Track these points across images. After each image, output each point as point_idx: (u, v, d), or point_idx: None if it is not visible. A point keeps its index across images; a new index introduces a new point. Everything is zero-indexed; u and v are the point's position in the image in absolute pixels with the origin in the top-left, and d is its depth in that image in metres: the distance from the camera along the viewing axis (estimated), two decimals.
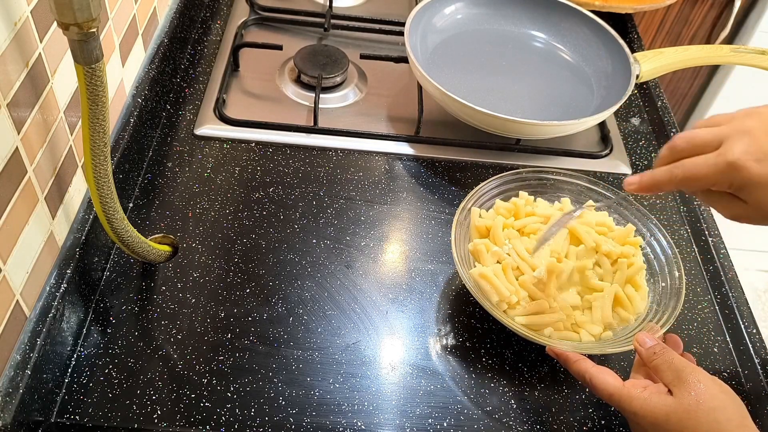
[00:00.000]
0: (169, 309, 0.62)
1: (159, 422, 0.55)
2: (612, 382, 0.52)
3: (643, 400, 0.50)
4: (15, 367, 0.50)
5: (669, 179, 0.50)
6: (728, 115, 0.50)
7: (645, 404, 0.49)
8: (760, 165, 0.46)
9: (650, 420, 0.49)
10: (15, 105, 0.48)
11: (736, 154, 0.47)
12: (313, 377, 0.59)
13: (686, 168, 0.49)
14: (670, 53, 0.85)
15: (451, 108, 0.79)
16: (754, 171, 0.46)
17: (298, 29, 0.97)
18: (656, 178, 0.51)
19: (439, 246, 0.71)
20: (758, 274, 1.91)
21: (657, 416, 0.48)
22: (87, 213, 0.61)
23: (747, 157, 0.46)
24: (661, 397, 0.49)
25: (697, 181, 0.49)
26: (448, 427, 0.57)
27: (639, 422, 0.50)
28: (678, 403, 0.48)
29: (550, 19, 0.94)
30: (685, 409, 0.48)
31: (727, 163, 0.47)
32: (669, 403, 0.48)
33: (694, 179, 0.49)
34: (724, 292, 0.70)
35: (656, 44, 1.55)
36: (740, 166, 0.46)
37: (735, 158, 0.47)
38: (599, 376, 0.53)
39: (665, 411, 0.48)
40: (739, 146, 0.47)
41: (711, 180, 0.48)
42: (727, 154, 0.47)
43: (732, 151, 0.47)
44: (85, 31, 0.45)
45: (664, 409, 0.48)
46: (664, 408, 0.48)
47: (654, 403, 0.49)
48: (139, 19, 0.74)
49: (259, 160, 0.77)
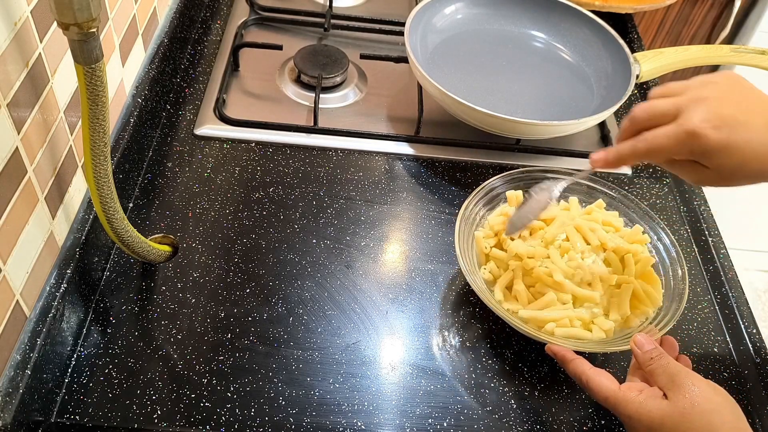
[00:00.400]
0: (169, 309, 0.62)
1: (159, 422, 0.55)
2: (608, 384, 0.52)
3: (638, 403, 0.50)
4: (15, 367, 0.50)
5: (632, 152, 0.52)
6: (683, 84, 0.51)
7: (640, 408, 0.49)
8: (717, 132, 0.48)
9: (646, 423, 0.49)
10: (15, 105, 0.48)
11: (695, 122, 0.48)
12: (313, 377, 0.59)
13: (648, 140, 0.51)
14: (670, 53, 0.85)
15: (451, 108, 0.79)
16: (713, 138, 0.48)
17: (298, 29, 0.97)
18: (621, 152, 0.53)
19: (439, 246, 0.71)
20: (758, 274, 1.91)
21: (652, 420, 0.49)
22: (87, 213, 0.61)
23: (705, 125, 0.48)
24: (656, 401, 0.49)
25: (659, 152, 0.51)
26: (448, 427, 0.57)
27: (634, 426, 0.50)
28: (673, 407, 0.48)
29: (550, 19, 0.94)
30: (680, 413, 0.48)
31: (686, 132, 0.48)
32: (664, 407, 0.49)
33: (656, 151, 0.51)
34: (724, 292, 0.70)
35: (656, 44, 1.55)
36: (699, 134, 0.48)
37: (693, 127, 0.48)
38: (595, 378, 0.53)
39: (660, 415, 0.48)
40: (697, 115, 0.48)
41: (673, 150, 0.50)
42: (685, 123, 0.49)
43: (691, 121, 0.48)
44: (85, 31, 0.45)
45: (659, 413, 0.48)
46: (659, 412, 0.49)
47: (649, 407, 0.49)
48: (139, 19, 0.74)
49: (259, 160, 0.77)
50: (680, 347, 0.63)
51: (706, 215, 0.77)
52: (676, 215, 0.78)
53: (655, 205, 0.79)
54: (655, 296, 0.62)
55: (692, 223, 0.77)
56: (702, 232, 0.76)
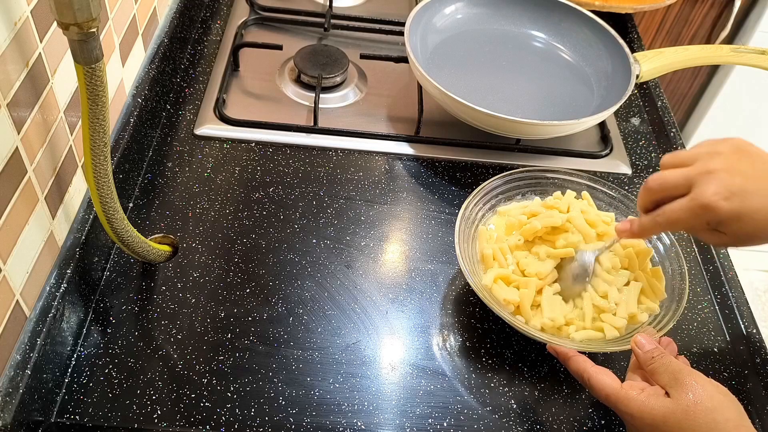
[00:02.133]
0: (169, 309, 0.62)
1: (159, 422, 0.55)
2: (610, 383, 0.52)
3: (640, 402, 0.50)
4: (15, 367, 0.50)
5: (653, 225, 0.56)
6: (692, 154, 0.54)
7: (642, 406, 0.50)
8: (729, 203, 0.51)
9: (648, 422, 0.49)
10: (15, 105, 0.48)
11: (707, 196, 0.51)
12: (313, 377, 0.59)
13: (667, 215, 0.54)
14: (670, 53, 0.85)
15: (451, 108, 0.79)
16: (725, 209, 0.51)
17: (298, 29, 0.97)
18: (643, 225, 0.57)
19: (439, 246, 0.71)
20: (758, 274, 1.91)
21: (655, 418, 0.49)
22: (87, 213, 0.61)
23: (716, 197, 0.51)
24: (658, 399, 0.49)
25: (678, 225, 0.54)
26: (448, 427, 0.57)
27: (636, 424, 0.50)
28: (676, 405, 0.48)
29: (550, 19, 0.94)
30: (683, 410, 0.48)
31: (700, 206, 0.51)
32: (667, 405, 0.49)
33: (675, 223, 0.54)
34: (724, 292, 0.70)
35: (656, 44, 1.55)
36: (712, 207, 0.51)
37: (707, 201, 0.51)
38: (597, 377, 0.53)
39: (663, 413, 0.48)
40: (708, 189, 0.51)
41: (690, 222, 0.53)
42: (698, 198, 0.51)
43: (703, 195, 0.51)
44: (85, 31, 0.45)
45: (662, 411, 0.49)
46: (662, 410, 0.49)
47: (652, 405, 0.49)
48: (139, 19, 0.74)
49: (259, 160, 0.77)
50: (680, 347, 0.63)
51: None
52: None
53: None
54: (660, 288, 0.62)
55: None
56: None
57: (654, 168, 0.84)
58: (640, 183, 0.81)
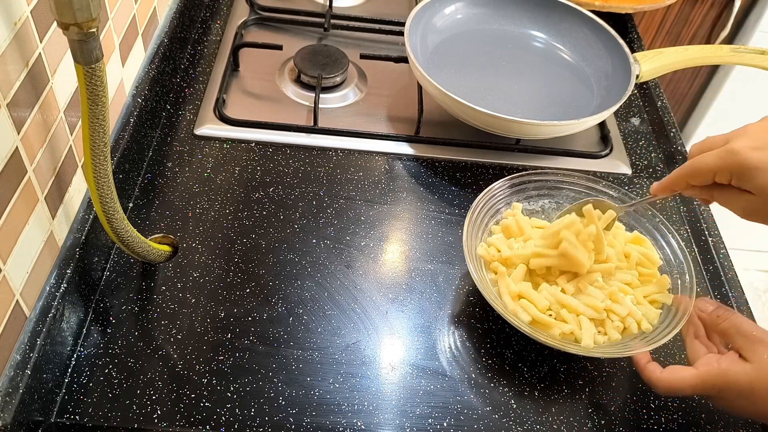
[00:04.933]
0: (169, 309, 0.62)
1: (159, 422, 0.55)
2: (688, 375, 0.52)
3: (723, 374, 0.50)
4: (15, 367, 0.50)
5: (679, 174, 0.56)
6: (723, 135, 0.55)
7: (727, 378, 0.50)
8: (757, 152, 0.50)
9: (735, 392, 0.50)
10: (15, 105, 0.48)
11: (737, 144, 0.51)
12: (313, 377, 0.59)
13: (693, 160, 0.54)
14: (670, 53, 0.85)
15: (451, 108, 0.79)
16: (752, 156, 0.50)
17: (298, 29, 0.97)
18: (671, 177, 0.57)
19: (439, 246, 0.71)
20: (758, 274, 1.91)
21: (741, 386, 0.49)
22: (87, 213, 0.61)
23: (746, 145, 0.51)
24: (739, 365, 0.50)
25: (702, 171, 0.53)
26: (448, 427, 0.57)
27: (725, 397, 0.51)
28: (759, 369, 0.49)
29: (550, 19, 0.94)
30: (766, 372, 0.48)
31: (727, 150, 0.51)
32: (749, 371, 0.49)
33: (699, 169, 0.54)
34: (724, 292, 0.70)
35: (656, 44, 1.55)
36: (738, 151, 0.51)
37: (735, 147, 0.51)
38: (673, 378, 0.53)
39: (748, 379, 0.49)
40: (740, 141, 0.52)
41: (713, 167, 0.52)
42: (728, 146, 0.52)
43: (734, 144, 0.52)
44: (85, 31, 0.45)
45: (747, 378, 0.49)
46: (746, 377, 0.49)
47: (734, 374, 0.50)
48: (139, 19, 0.74)
49: (259, 160, 0.77)
50: (680, 347, 0.63)
51: (706, 215, 0.77)
52: (676, 215, 0.78)
53: (655, 204, 0.79)
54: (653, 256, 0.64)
55: (692, 223, 0.77)
56: (702, 232, 0.76)
57: (654, 168, 0.84)
58: (640, 183, 0.82)
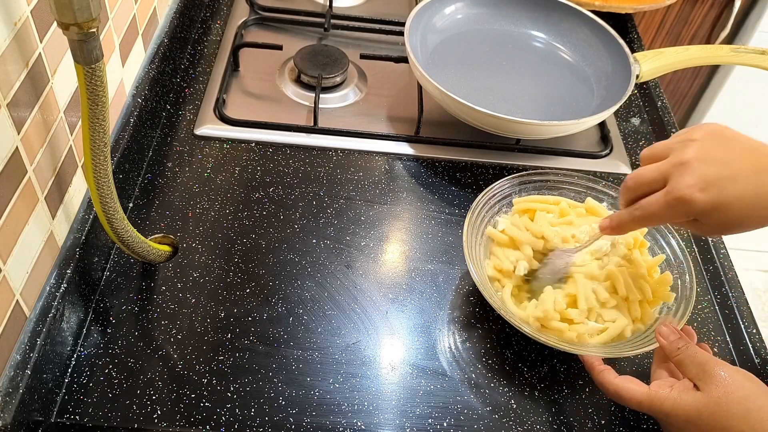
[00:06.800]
0: (169, 309, 0.62)
1: (159, 422, 0.55)
2: (638, 389, 0.52)
3: (673, 400, 0.50)
4: (15, 367, 0.50)
5: (632, 219, 0.54)
6: (666, 145, 0.53)
7: (676, 404, 0.50)
8: (704, 194, 0.49)
9: (683, 418, 0.49)
10: (15, 105, 0.48)
11: (682, 189, 0.50)
12: (313, 377, 0.59)
13: (643, 208, 0.53)
14: (670, 53, 0.85)
15: (451, 108, 0.79)
16: (701, 201, 0.49)
17: (298, 29, 0.97)
18: (621, 219, 0.56)
19: (439, 246, 0.71)
20: (758, 274, 1.91)
21: (689, 413, 0.49)
22: (87, 213, 0.61)
23: (691, 190, 0.49)
24: (689, 393, 0.50)
25: (656, 218, 0.53)
26: (448, 427, 0.57)
27: (671, 422, 0.50)
28: (707, 398, 0.49)
29: (550, 19, 0.94)
30: (715, 402, 0.48)
31: (676, 199, 0.50)
32: (698, 399, 0.49)
33: (652, 217, 0.53)
34: (724, 292, 0.70)
35: (656, 44, 1.55)
36: (687, 199, 0.50)
37: (681, 194, 0.50)
38: (624, 386, 0.53)
39: (696, 407, 0.49)
40: (682, 181, 0.50)
41: (667, 216, 0.52)
42: (673, 191, 0.50)
43: (677, 188, 0.50)
44: (85, 31, 0.45)
45: (695, 405, 0.49)
46: (695, 404, 0.49)
47: (684, 401, 0.50)
48: (139, 19, 0.74)
49: (259, 160, 0.77)
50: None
51: None
52: None
53: None
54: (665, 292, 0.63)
55: None
56: None
57: None
58: None
